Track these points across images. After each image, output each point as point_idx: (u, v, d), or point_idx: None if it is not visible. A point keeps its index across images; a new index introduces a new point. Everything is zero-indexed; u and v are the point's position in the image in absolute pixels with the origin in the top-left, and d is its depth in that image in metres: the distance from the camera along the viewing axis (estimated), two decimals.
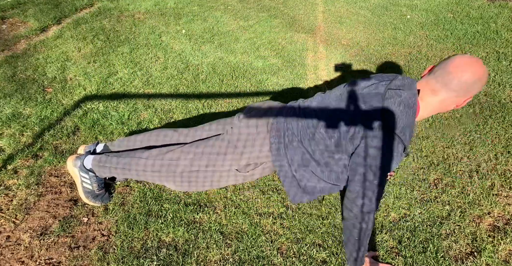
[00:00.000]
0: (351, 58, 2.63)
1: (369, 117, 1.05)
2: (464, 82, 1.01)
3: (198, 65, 2.45)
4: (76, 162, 1.40)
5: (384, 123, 1.02)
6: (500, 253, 1.31)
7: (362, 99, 1.10)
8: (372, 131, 1.03)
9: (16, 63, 2.29)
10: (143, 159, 1.30)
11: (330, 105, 1.18)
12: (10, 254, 1.26)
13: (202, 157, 1.24)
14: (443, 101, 1.08)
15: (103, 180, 1.44)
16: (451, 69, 1.03)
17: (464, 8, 3.39)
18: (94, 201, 1.42)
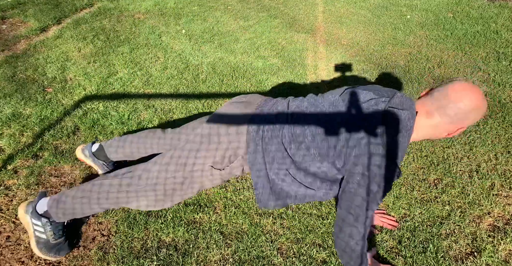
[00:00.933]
0: (351, 58, 2.63)
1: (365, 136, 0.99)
2: (460, 108, 0.98)
3: (198, 65, 2.45)
4: (28, 208, 1.23)
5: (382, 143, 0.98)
6: (500, 253, 1.31)
7: (360, 113, 1.04)
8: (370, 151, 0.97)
9: (16, 63, 2.29)
10: (105, 180, 1.18)
11: (322, 110, 1.10)
12: (10, 254, 1.26)
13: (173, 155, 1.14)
14: (435, 126, 1.04)
15: (60, 226, 1.25)
16: (449, 92, 1.00)
17: (464, 8, 3.39)
18: (49, 254, 1.21)
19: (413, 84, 2.29)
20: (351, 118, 1.04)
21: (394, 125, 1.00)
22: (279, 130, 1.09)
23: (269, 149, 1.08)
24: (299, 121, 1.09)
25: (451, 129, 1.03)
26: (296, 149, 1.06)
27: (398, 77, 2.37)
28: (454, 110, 0.98)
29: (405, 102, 1.05)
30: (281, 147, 1.08)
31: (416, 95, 2.18)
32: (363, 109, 1.05)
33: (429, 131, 1.06)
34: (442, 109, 1.00)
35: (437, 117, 1.02)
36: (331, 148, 1.03)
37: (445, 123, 1.02)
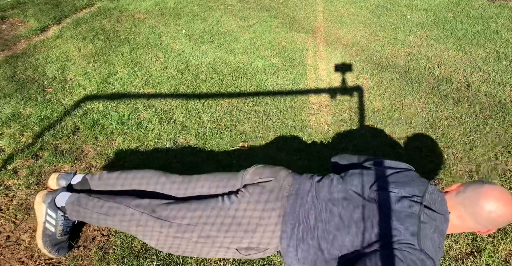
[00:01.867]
0: (351, 58, 2.63)
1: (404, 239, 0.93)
2: (493, 219, 0.96)
3: (198, 65, 2.45)
4: (47, 198, 1.23)
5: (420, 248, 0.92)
6: (500, 253, 1.31)
7: (396, 216, 0.98)
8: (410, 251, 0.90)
9: (16, 63, 2.29)
10: (131, 209, 1.13)
11: (355, 206, 1.03)
12: (10, 254, 1.26)
13: (202, 227, 1.08)
14: (466, 227, 1.03)
15: (71, 224, 1.26)
16: (481, 202, 0.97)
17: (464, 8, 3.39)
18: (50, 250, 1.20)
19: (413, 84, 2.29)
20: (385, 220, 0.98)
21: (431, 229, 0.96)
22: (314, 228, 1.04)
23: (303, 249, 1.03)
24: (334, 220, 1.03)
25: (482, 230, 1.03)
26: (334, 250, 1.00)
27: (398, 77, 2.37)
28: (487, 220, 0.97)
29: (438, 202, 1.02)
30: (315, 246, 1.02)
31: (417, 95, 2.18)
32: (397, 211, 0.99)
33: (459, 229, 1.06)
34: (474, 218, 0.98)
35: (470, 222, 1.00)
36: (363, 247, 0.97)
37: (476, 228, 1.01)
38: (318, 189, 1.12)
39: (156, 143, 1.77)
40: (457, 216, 1.01)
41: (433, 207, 1.00)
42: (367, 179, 1.11)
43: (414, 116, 2.02)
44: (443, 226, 0.99)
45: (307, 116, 2.03)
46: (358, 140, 1.85)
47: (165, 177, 1.25)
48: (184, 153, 1.71)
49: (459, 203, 1.01)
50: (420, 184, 1.06)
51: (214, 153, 1.74)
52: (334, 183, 1.13)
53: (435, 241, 0.95)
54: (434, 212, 0.99)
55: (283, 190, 1.13)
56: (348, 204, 1.05)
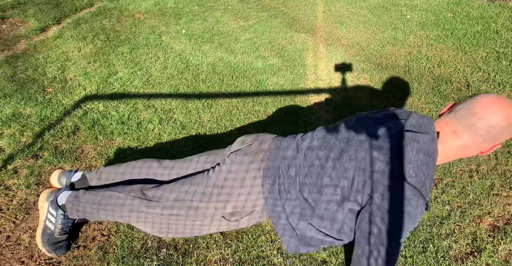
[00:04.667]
0: (351, 58, 2.63)
1: (382, 166, 0.89)
2: (492, 126, 0.86)
3: (198, 65, 2.45)
4: (50, 196, 1.26)
5: (401, 175, 0.86)
6: (500, 253, 1.31)
7: (373, 143, 0.94)
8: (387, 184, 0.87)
9: (16, 63, 2.29)
10: (122, 195, 1.15)
11: (335, 146, 1.00)
12: (10, 254, 1.26)
13: (185, 199, 1.09)
14: (465, 146, 0.92)
15: (71, 223, 1.27)
16: (477, 109, 0.88)
17: (464, 8, 3.39)
18: (48, 248, 1.21)
19: (413, 84, 2.29)
20: (365, 150, 0.95)
21: (413, 151, 0.88)
22: (295, 179, 1.01)
23: (288, 202, 1.01)
24: (313, 165, 1.00)
25: (484, 147, 0.92)
26: (317, 196, 0.97)
27: (398, 77, 2.37)
28: (486, 128, 0.87)
29: (424, 123, 0.94)
30: (299, 197, 1.00)
31: (417, 95, 2.18)
32: (376, 138, 0.94)
33: (458, 151, 0.95)
34: (472, 129, 0.89)
35: (466, 136, 0.90)
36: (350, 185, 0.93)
37: (476, 142, 0.90)
38: (300, 142, 1.10)
39: (156, 143, 1.77)
40: (452, 132, 0.92)
41: (417, 129, 0.92)
42: (350, 119, 1.09)
43: None
44: (430, 146, 0.89)
45: (307, 116, 2.03)
46: None
47: (157, 163, 1.27)
48: (184, 153, 1.72)
49: (452, 118, 0.93)
50: (403, 112, 1.01)
51: None
52: (315, 132, 1.11)
53: (421, 164, 0.87)
54: (417, 133, 0.91)
55: (264, 150, 1.11)
56: (326, 146, 1.02)
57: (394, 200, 0.85)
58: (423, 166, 0.87)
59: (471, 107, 0.89)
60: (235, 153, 1.14)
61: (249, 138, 1.19)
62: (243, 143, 1.18)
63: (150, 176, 1.26)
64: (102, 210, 1.17)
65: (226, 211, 1.07)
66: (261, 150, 1.12)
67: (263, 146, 1.13)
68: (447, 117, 0.96)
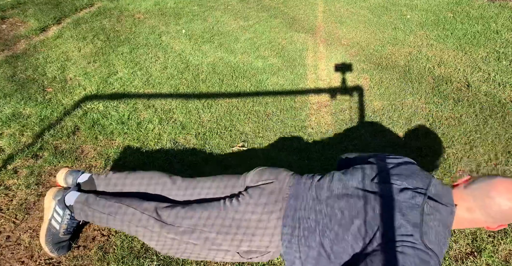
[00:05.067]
0: (351, 58, 2.63)
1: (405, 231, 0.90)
2: (504, 212, 0.91)
3: (198, 65, 2.45)
4: (57, 195, 1.25)
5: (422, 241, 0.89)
6: (500, 253, 1.31)
7: (398, 207, 0.95)
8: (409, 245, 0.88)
9: (16, 63, 2.29)
10: (135, 210, 1.14)
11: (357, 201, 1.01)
12: (10, 254, 1.26)
13: (202, 230, 1.08)
14: (476, 221, 0.97)
15: (76, 224, 1.27)
16: (492, 194, 0.92)
17: (464, 8, 3.39)
18: (51, 248, 1.21)
19: (413, 84, 2.29)
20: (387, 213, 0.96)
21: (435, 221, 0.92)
22: (315, 228, 1.01)
23: (305, 249, 1.01)
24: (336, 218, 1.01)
25: (492, 225, 0.98)
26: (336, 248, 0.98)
27: (398, 77, 2.37)
28: (499, 213, 0.92)
29: (443, 194, 0.99)
30: (318, 246, 1.00)
31: (417, 95, 2.19)
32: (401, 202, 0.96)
33: (467, 224, 1.01)
34: (485, 210, 0.94)
35: (479, 215, 0.95)
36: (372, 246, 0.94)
37: (486, 221, 0.96)
38: (319, 188, 1.10)
39: (156, 143, 1.77)
40: (466, 208, 0.97)
41: (438, 199, 0.96)
42: (369, 172, 1.09)
43: (414, 116, 2.02)
44: (448, 219, 0.94)
45: (307, 116, 2.03)
46: (358, 140, 1.85)
47: (170, 180, 1.26)
48: (184, 153, 1.71)
49: (468, 194, 0.97)
50: (423, 176, 1.03)
51: (214, 153, 1.74)
52: (334, 180, 1.11)
53: (439, 233, 0.91)
54: (438, 204, 0.95)
55: (283, 191, 1.12)
56: (348, 199, 1.03)
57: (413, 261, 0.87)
58: (440, 236, 0.92)
59: (488, 190, 0.94)
60: (253, 189, 1.14)
61: (266, 173, 1.18)
62: (259, 179, 1.17)
63: (163, 193, 1.25)
64: (111, 221, 1.17)
65: (241, 248, 1.07)
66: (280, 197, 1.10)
67: (283, 191, 1.12)
68: (463, 192, 0.99)
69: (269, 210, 1.07)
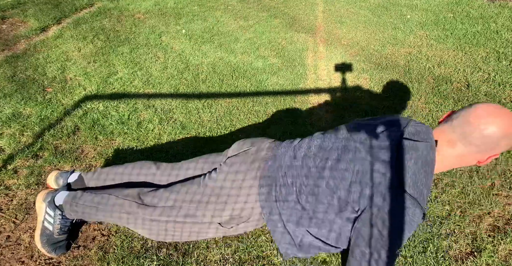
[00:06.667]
0: (351, 58, 2.63)
1: (380, 174, 0.88)
2: (487, 136, 0.84)
3: (198, 65, 2.45)
4: (47, 197, 1.26)
5: (400, 185, 0.85)
6: (500, 253, 1.31)
7: (371, 151, 0.92)
8: (383, 193, 0.86)
9: (16, 63, 2.29)
10: (119, 199, 1.15)
11: (332, 155, 0.99)
12: (10, 254, 1.26)
13: (182, 206, 1.08)
14: (461, 156, 0.91)
15: (69, 223, 1.27)
16: (471, 119, 0.86)
17: (464, 8, 3.39)
18: (48, 249, 1.21)
19: (413, 84, 2.29)
20: (362, 159, 0.93)
21: (411, 160, 0.87)
22: (292, 187, 1.00)
23: (285, 210, 1.00)
24: (310, 173, 0.99)
25: (480, 158, 0.90)
26: (314, 204, 0.96)
27: (398, 77, 2.37)
28: (481, 139, 0.85)
29: (422, 132, 0.93)
30: (297, 205, 0.99)
31: (417, 95, 2.19)
32: (374, 146, 0.93)
33: (454, 161, 0.93)
34: (466, 138, 0.87)
35: (461, 146, 0.89)
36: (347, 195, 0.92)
37: (472, 153, 0.89)
38: (298, 148, 1.08)
39: (156, 143, 1.77)
40: (447, 141, 0.91)
41: (415, 137, 0.90)
42: (348, 126, 1.07)
43: (414, 116, 2.02)
44: (428, 155, 0.88)
45: (307, 116, 2.03)
46: None
47: (155, 166, 1.27)
48: (184, 153, 1.72)
49: (448, 126, 0.92)
50: (401, 119, 1.00)
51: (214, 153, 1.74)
52: (313, 138, 1.10)
53: (419, 173, 0.86)
54: (416, 142, 0.89)
55: (261, 155, 1.11)
56: (324, 153, 1.00)
57: (393, 210, 0.85)
58: (421, 175, 0.86)
59: (466, 116, 0.88)
60: (232, 159, 1.14)
61: (246, 143, 1.18)
62: (240, 148, 1.17)
63: (148, 179, 1.26)
64: (100, 212, 1.18)
65: (223, 218, 1.07)
66: (258, 158, 1.11)
67: (260, 153, 1.12)
68: (444, 125, 0.94)
69: (247, 175, 1.06)
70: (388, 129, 0.96)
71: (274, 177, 1.04)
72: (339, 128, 1.09)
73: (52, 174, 1.39)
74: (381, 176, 0.88)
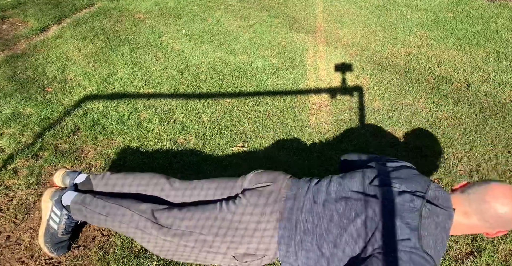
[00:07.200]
0: (351, 58, 2.63)
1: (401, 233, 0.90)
2: (501, 216, 0.90)
3: (198, 65, 2.45)
4: (54, 195, 1.25)
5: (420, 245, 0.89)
6: (500, 253, 1.31)
7: (396, 210, 0.95)
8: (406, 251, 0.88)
9: (16, 63, 2.29)
10: (131, 212, 1.14)
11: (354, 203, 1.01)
12: (10, 254, 1.26)
13: (201, 233, 1.08)
14: (473, 227, 0.97)
15: (74, 223, 1.26)
16: (488, 198, 0.92)
17: (464, 8, 3.39)
18: (50, 248, 1.21)
19: (413, 84, 2.29)
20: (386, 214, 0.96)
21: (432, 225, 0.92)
22: (312, 232, 1.01)
23: (303, 253, 1.01)
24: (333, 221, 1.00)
25: (490, 231, 0.97)
26: (334, 251, 0.98)
27: (398, 77, 2.37)
28: (495, 217, 0.91)
29: (441, 198, 0.98)
30: (316, 250, 1.00)
31: (417, 95, 2.19)
32: (398, 205, 0.96)
33: (466, 230, 1.00)
34: (481, 215, 0.93)
35: (475, 220, 0.94)
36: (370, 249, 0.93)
37: (484, 227, 0.95)
38: (316, 191, 1.10)
39: (156, 143, 1.77)
40: (463, 212, 0.96)
41: (436, 203, 0.96)
42: (368, 175, 1.09)
43: (414, 116, 2.02)
44: (446, 223, 0.94)
45: (307, 116, 2.03)
46: (358, 140, 1.85)
47: (168, 182, 1.25)
48: (184, 153, 1.72)
49: (464, 199, 0.97)
50: (422, 180, 1.04)
51: (214, 153, 1.74)
52: (332, 183, 1.11)
53: (437, 238, 0.91)
54: (437, 207, 0.95)
55: (281, 194, 1.11)
56: (347, 202, 1.03)
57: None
58: (438, 240, 0.92)
59: (483, 194, 0.93)
60: (250, 192, 1.13)
61: (263, 176, 1.18)
62: (258, 181, 1.16)
63: (161, 195, 1.24)
64: (109, 221, 1.17)
65: (238, 251, 1.07)
66: (277, 198, 1.10)
67: (280, 193, 1.12)
68: (460, 197, 0.99)
69: (266, 212, 1.07)
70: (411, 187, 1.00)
71: (295, 221, 1.04)
72: (355, 175, 1.11)
73: (59, 172, 1.37)
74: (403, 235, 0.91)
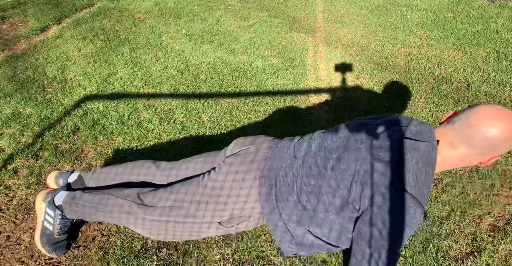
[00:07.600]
0: (351, 58, 2.63)
1: (380, 174, 0.88)
2: (489, 139, 0.83)
3: (198, 65, 2.45)
4: (46, 197, 1.26)
5: (399, 184, 0.85)
6: (500, 253, 1.31)
7: (373, 152, 0.92)
8: (383, 192, 0.86)
9: (16, 63, 2.29)
10: (119, 199, 1.15)
11: (333, 153, 0.99)
12: (10, 254, 1.26)
13: (182, 206, 1.08)
14: (463, 157, 0.90)
15: (69, 223, 1.27)
16: (474, 122, 0.84)
17: (464, 8, 3.39)
18: (48, 249, 1.21)
19: (413, 84, 2.29)
20: (364, 159, 0.93)
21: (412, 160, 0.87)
22: (292, 186, 1.00)
23: (286, 209, 1.00)
24: (311, 172, 0.99)
25: (482, 159, 0.90)
26: (315, 203, 0.96)
27: (398, 77, 2.37)
28: (483, 141, 0.84)
29: (424, 131, 0.93)
30: (297, 204, 0.99)
31: (417, 95, 2.19)
32: (375, 145, 0.93)
33: (456, 162, 0.93)
34: (469, 141, 0.86)
35: (463, 148, 0.88)
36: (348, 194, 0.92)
37: (473, 154, 0.88)
38: (297, 147, 1.08)
39: (156, 143, 1.77)
40: (448, 143, 0.90)
41: (417, 137, 0.90)
42: (350, 126, 1.06)
43: (414, 116, 2.02)
44: (429, 155, 0.87)
45: (307, 116, 2.03)
46: None
47: (154, 165, 1.27)
48: (184, 153, 1.72)
49: (450, 128, 0.90)
50: (403, 118, 1.00)
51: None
52: (314, 137, 1.09)
53: (420, 173, 0.86)
54: (417, 142, 0.89)
55: (260, 153, 1.10)
56: (325, 153, 1.00)
57: (393, 209, 0.85)
58: (422, 175, 0.86)
59: (468, 118, 0.87)
60: (231, 158, 1.13)
61: (245, 141, 1.17)
62: (239, 147, 1.16)
63: (148, 179, 1.26)
64: (100, 212, 1.18)
65: (223, 218, 1.07)
66: (257, 158, 1.10)
67: (259, 153, 1.11)
68: (445, 127, 0.94)
69: (244, 172, 1.06)
70: (389, 129, 0.95)
71: (274, 177, 1.04)
72: (340, 127, 1.09)
73: (52, 174, 1.40)
74: (382, 176, 0.88)
